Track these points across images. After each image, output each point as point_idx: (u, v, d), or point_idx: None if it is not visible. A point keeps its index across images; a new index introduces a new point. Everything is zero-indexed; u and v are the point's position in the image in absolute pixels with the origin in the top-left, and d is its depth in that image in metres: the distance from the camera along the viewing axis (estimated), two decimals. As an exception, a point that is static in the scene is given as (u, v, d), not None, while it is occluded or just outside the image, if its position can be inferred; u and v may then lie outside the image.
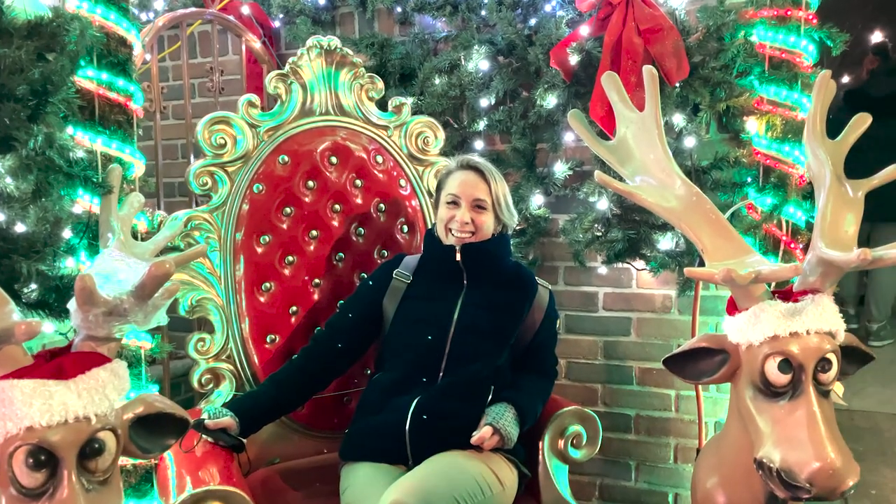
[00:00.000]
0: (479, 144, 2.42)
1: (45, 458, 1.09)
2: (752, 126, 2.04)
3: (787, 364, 1.46)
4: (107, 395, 1.17)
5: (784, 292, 1.56)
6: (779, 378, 1.47)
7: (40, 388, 1.10)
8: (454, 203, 1.92)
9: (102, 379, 1.17)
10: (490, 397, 1.85)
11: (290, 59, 2.13)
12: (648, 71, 1.69)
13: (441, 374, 1.86)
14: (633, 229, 2.18)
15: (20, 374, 1.12)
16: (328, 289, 2.19)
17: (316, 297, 2.18)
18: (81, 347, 1.20)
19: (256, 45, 2.50)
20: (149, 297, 1.13)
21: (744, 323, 1.52)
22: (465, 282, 1.94)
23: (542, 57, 2.18)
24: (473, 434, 1.75)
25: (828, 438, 1.41)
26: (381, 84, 2.22)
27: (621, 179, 1.72)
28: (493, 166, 1.97)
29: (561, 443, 1.95)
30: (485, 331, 1.89)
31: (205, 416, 1.80)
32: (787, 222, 2.00)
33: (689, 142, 2.13)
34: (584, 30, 2.15)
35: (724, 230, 1.58)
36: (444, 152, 2.41)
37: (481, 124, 2.36)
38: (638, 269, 2.28)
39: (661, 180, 1.67)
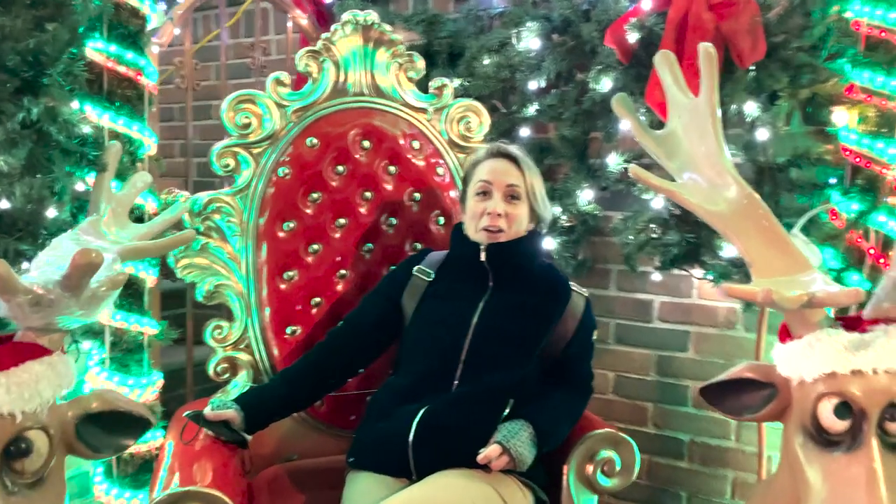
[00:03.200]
0: (527, 132, 2.21)
1: (-37, 456, 1.02)
2: (841, 118, 1.73)
3: (845, 408, 1.20)
4: (39, 391, 1.07)
5: (850, 319, 1.29)
6: (834, 424, 1.21)
7: (-36, 380, 1.03)
8: (485, 193, 1.74)
9: (36, 373, 1.08)
10: (508, 412, 1.66)
11: (324, 35, 1.99)
12: (704, 49, 1.44)
13: (456, 382, 1.68)
14: (693, 232, 1.92)
15: (-53, 362, 1.04)
16: (354, 281, 2.06)
17: (341, 288, 2.05)
18: (22, 338, 1.11)
19: (304, 21, 2.39)
20: (77, 288, 1.02)
21: (796, 354, 1.27)
22: (490, 283, 1.76)
23: (598, 35, 1.95)
24: (480, 451, 1.57)
25: (889, 504, 1.14)
26: (421, 63, 2.06)
27: (669, 176, 1.49)
28: (526, 155, 1.78)
29: (589, 468, 1.74)
30: (507, 337, 1.70)
31: (209, 407, 1.71)
32: (875, 232, 1.69)
33: (764, 134, 1.84)
34: (647, 4, 1.90)
35: (778, 240, 1.31)
36: (492, 139, 2.23)
37: (531, 109, 2.15)
38: (698, 278, 2.02)
39: (710, 178, 1.42)
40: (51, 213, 1.45)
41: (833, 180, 1.75)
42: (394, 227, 2.09)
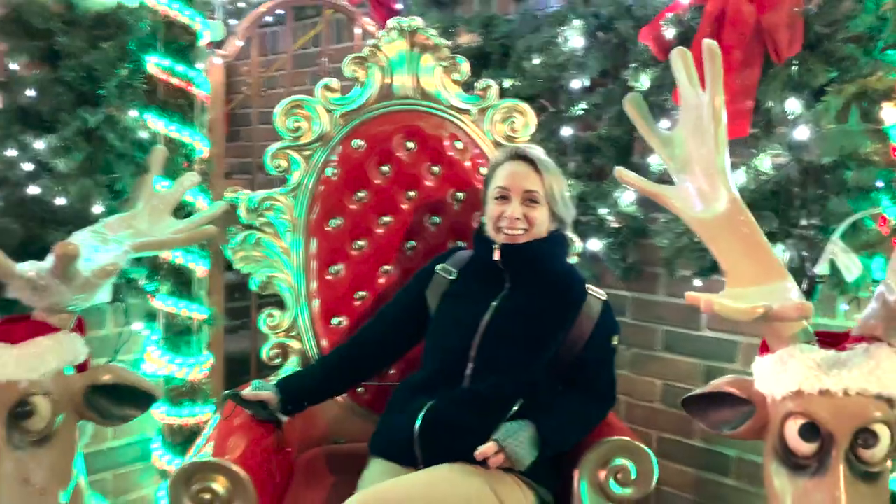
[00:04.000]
0: (574, 131, 2.18)
1: (-23, 414, 1.21)
2: (890, 115, 1.58)
3: (812, 429, 1.13)
4: (44, 362, 1.25)
5: (832, 335, 1.20)
6: (800, 446, 1.14)
7: (-19, 349, 1.22)
8: (503, 197, 1.76)
9: (43, 347, 1.26)
10: (514, 412, 1.68)
11: (370, 41, 2.09)
12: (708, 47, 1.38)
13: (465, 380, 1.73)
14: (733, 237, 1.82)
15: (-29, 334, 1.25)
16: (397, 277, 2.14)
17: (384, 282, 2.14)
18: (36, 317, 1.31)
19: (372, 28, 2.51)
20: (64, 276, 1.19)
21: (768, 370, 1.20)
22: (507, 285, 1.78)
23: (635, 32, 1.90)
24: (478, 448, 1.60)
25: (850, 538, 1.05)
26: (465, 66, 2.10)
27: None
28: (546, 157, 1.78)
29: (602, 475, 1.70)
30: (516, 339, 1.71)
31: (249, 388, 1.87)
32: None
33: (807, 133, 1.71)
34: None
35: (756, 249, 1.24)
36: (542, 139, 2.23)
37: (578, 108, 2.13)
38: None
39: (700, 182, 1.37)
40: (97, 209, 1.66)
41: (880, 183, 1.59)
42: (436, 226, 2.15)
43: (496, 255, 1.75)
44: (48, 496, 1.25)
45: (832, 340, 1.18)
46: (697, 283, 1.98)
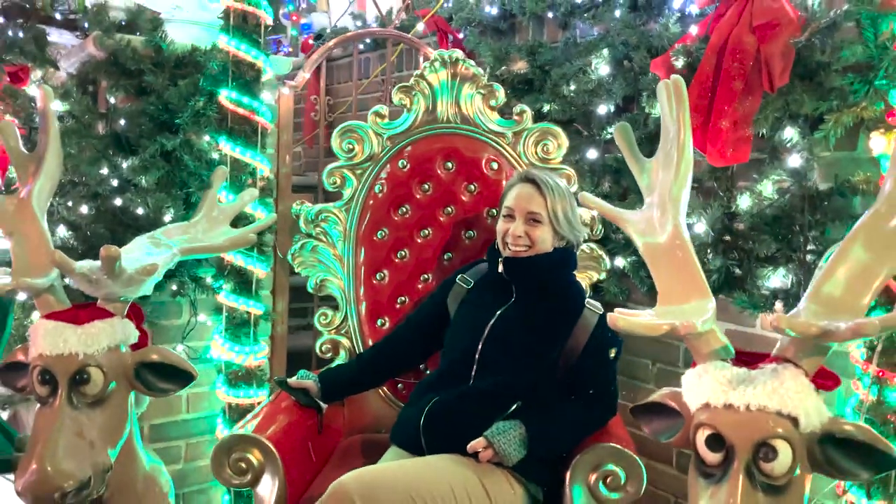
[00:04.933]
0: (599, 154, 2.29)
1: (48, 377, 1.55)
2: (878, 144, 1.60)
3: (717, 440, 1.23)
4: (99, 340, 1.58)
5: (751, 355, 1.28)
6: (707, 455, 1.25)
7: (53, 327, 1.56)
8: (510, 216, 1.93)
9: (99, 328, 1.59)
10: (512, 411, 1.83)
11: (415, 72, 2.32)
12: (674, 82, 1.50)
13: (471, 380, 1.91)
14: (738, 260, 1.87)
15: (48, 316, 1.60)
16: (434, 284, 2.35)
17: (422, 288, 2.36)
18: (100, 304, 1.64)
19: (433, 54, 2.73)
20: (111, 272, 1.50)
21: (688, 383, 1.30)
22: (513, 295, 1.94)
23: (648, 60, 1.99)
24: (470, 442, 1.78)
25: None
26: (501, 93, 2.28)
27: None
28: (555, 180, 1.92)
29: (592, 478, 1.82)
30: (516, 344, 1.88)
31: (295, 377, 2.14)
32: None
33: (801, 160, 1.75)
34: (695, 30, 1.91)
35: (687, 270, 1.34)
36: (577, 160, 2.36)
37: (607, 132, 2.24)
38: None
39: (656, 208, 1.47)
40: (168, 217, 2.00)
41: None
42: (471, 240, 2.35)
43: (500, 268, 1.93)
44: (97, 450, 1.57)
45: (749, 359, 1.26)
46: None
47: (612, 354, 1.90)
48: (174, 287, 2.13)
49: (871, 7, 1.62)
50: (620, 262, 2.30)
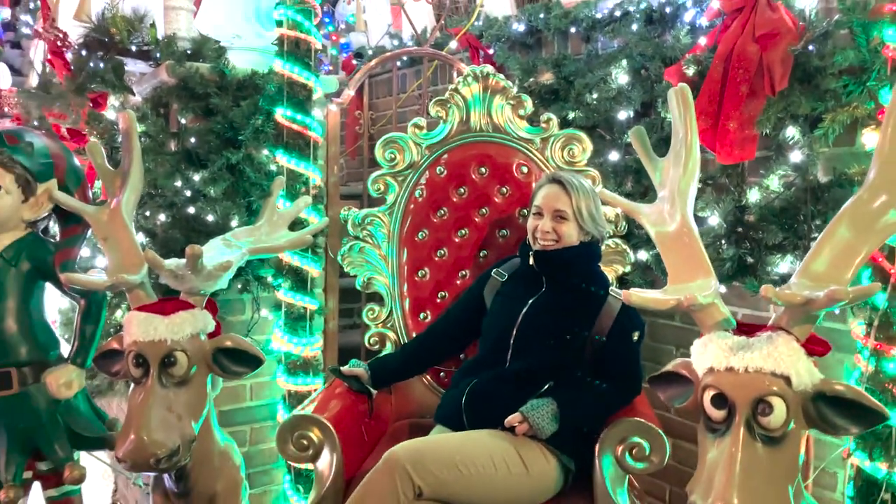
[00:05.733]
0: (621, 156, 2.49)
1: (141, 360, 1.80)
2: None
3: (721, 399, 1.42)
4: (183, 328, 1.82)
5: (751, 326, 1.46)
6: (713, 412, 1.43)
7: (145, 317, 1.81)
8: (538, 214, 2.13)
9: (182, 318, 1.83)
10: (544, 390, 2.03)
11: (450, 86, 2.54)
12: (679, 90, 1.69)
13: (507, 363, 2.11)
14: (749, 249, 2.05)
15: (140, 308, 1.85)
16: (472, 280, 2.55)
17: (460, 284, 2.57)
18: (183, 297, 1.89)
19: (466, 69, 2.96)
20: (194, 269, 1.75)
21: (695, 351, 1.49)
22: (543, 286, 2.14)
23: (663, 69, 2.19)
24: (508, 417, 1.98)
25: (737, 485, 1.32)
26: (529, 103, 2.49)
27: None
28: (579, 180, 2.12)
29: (619, 449, 2.00)
30: (545, 330, 2.07)
31: (347, 366, 2.37)
32: (901, 252, 1.70)
33: (801, 157, 1.92)
34: (704, 41, 2.10)
35: (693, 254, 1.53)
36: (600, 163, 2.55)
37: (627, 137, 2.44)
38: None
39: (666, 200, 1.66)
40: (234, 223, 2.25)
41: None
42: (504, 238, 2.55)
43: (531, 261, 2.13)
44: (183, 422, 1.81)
45: (748, 329, 1.45)
46: (721, 289, 2.20)
47: (636, 338, 2.08)
48: (239, 285, 2.38)
49: (862, 15, 1.79)
50: (644, 255, 2.48)
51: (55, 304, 2.67)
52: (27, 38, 6.49)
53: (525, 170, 2.53)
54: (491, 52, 3.07)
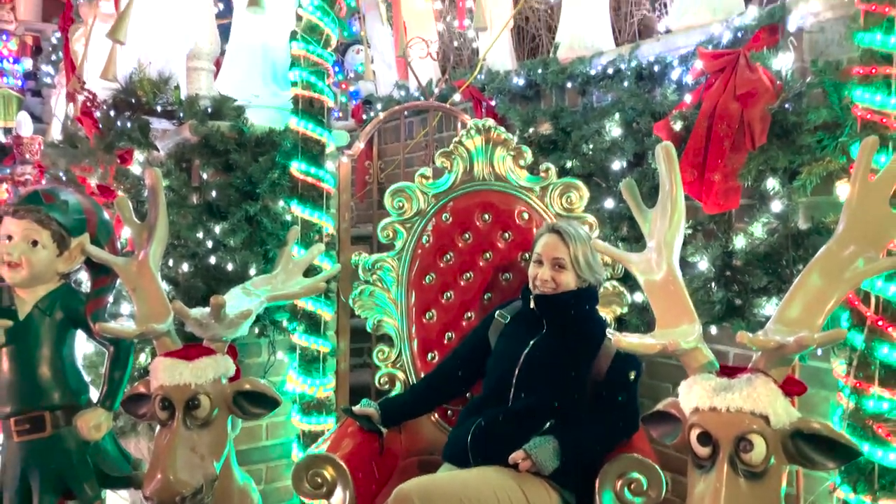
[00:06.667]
0: (610, 203, 2.63)
1: (167, 403, 1.93)
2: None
3: (706, 437, 1.53)
4: (206, 373, 1.95)
5: (732, 368, 1.58)
6: (699, 449, 1.55)
7: (171, 363, 1.95)
8: (539, 262, 2.27)
9: (206, 363, 1.96)
10: (546, 428, 2.14)
11: (454, 139, 2.70)
12: (664, 148, 1.83)
13: (510, 402, 2.22)
14: (737, 292, 2.17)
15: (166, 354, 1.98)
16: (477, 321, 2.68)
17: (466, 325, 2.69)
18: (206, 343, 2.02)
19: (469, 122, 3.12)
20: (217, 318, 1.88)
21: (682, 391, 1.60)
22: (543, 328, 2.26)
23: (653, 123, 2.34)
24: (512, 454, 2.09)
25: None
26: (528, 154, 2.64)
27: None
28: (577, 229, 2.25)
29: (618, 484, 2.11)
30: (546, 370, 2.19)
31: (358, 406, 2.48)
32: (876, 297, 1.82)
33: (781, 206, 2.06)
34: (689, 98, 2.25)
35: (677, 303, 1.65)
36: (596, 209, 2.69)
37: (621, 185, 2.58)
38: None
39: (654, 252, 1.79)
40: (252, 272, 2.39)
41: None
42: (508, 281, 2.68)
43: (532, 304, 2.26)
44: (206, 462, 1.94)
45: (730, 371, 1.56)
46: (713, 329, 2.33)
47: (632, 377, 2.20)
48: (257, 330, 2.51)
49: (833, 76, 1.94)
50: (640, 297, 2.60)
51: (80, 349, 2.81)
52: (48, 86, 6.75)
53: (526, 216, 2.67)
54: (493, 103, 3.24)
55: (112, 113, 2.57)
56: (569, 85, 2.86)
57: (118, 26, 2.42)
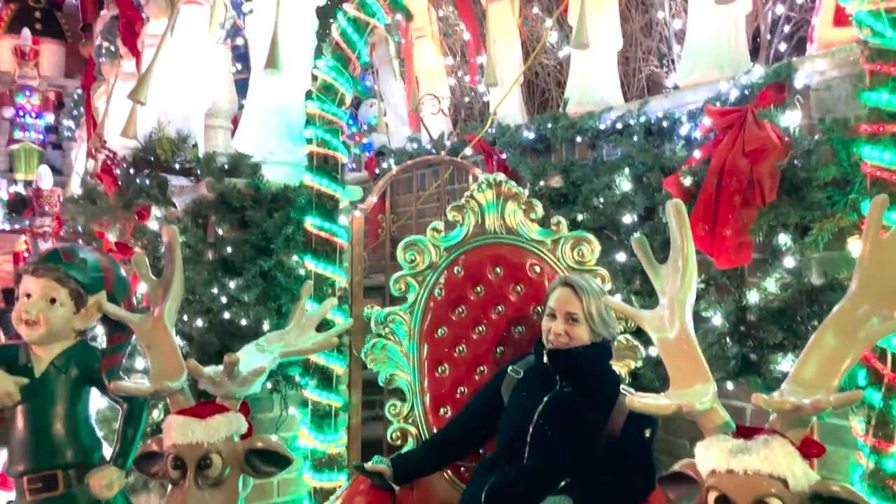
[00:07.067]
0: (622, 256, 2.64)
1: (180, 462, 1.92)
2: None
3: (724, 500, 1.51)
4: (218, 431, 1.95)
5: (749, 429, 1.56)
6: (716, 512, 1.50)
7: (184, 421, 1.95)
8: (552, 315, 2.27)
9: (218, 421, 1.96)
10: (561, 487, 2.11)
11: (466, 193, 2.73)
12: (674, 205, 1.84)
13: (525, 459, 2.20)
14: (752, 347, 2.16)
15: (179, 412, 1.98)
16: (490, 375, 2.67)
17: (478, 379, 2.68)
18: (218, 401, 2.03)
19: (480, 176, 3.16)
20: (231, 375, 1.89)
21: (699, 453, 1.59)
22: (557, 384, 2.25)
23: (662, 178, 2.36)
24: (527, 516, 2.06)
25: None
26: (539, 207, 2.66)
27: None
28: (589, 283, 2.26)
29: (635, 542, 2.08)
30: (560, 427, 2.17)
31: (370, 462, 2.46)
32: (892, 354, 1.81)
33: (793, 262, 2.06)
34: (698, 154, 2.27)
35: (691, 360, 1.64)
36: (608, 262, 2.70)
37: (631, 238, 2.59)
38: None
39: (666, 309, 1.79)
40: (266, 327, 2.40)
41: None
42: (520, 334, 2.68)
43: (545, 359, 2.25)
44: (218, 521, 1.92)
45: (746, 432, 1.55)
46: (729, 385, 2.31)
47: (648, 434, 2.17)
48: (270, 385, 2.52)
49: (841, 133, 1.96)
50: (655, 350, 2.59)
51: (94, 404, 2.82)
52: (69, 139, 6.91)
53: (538, 269, 2.68)
54: (504, 157, 3.28)
55: (131, 171, 2.63)
56: (578, 139, 2.90)
57: (140, 88, 2.48)
